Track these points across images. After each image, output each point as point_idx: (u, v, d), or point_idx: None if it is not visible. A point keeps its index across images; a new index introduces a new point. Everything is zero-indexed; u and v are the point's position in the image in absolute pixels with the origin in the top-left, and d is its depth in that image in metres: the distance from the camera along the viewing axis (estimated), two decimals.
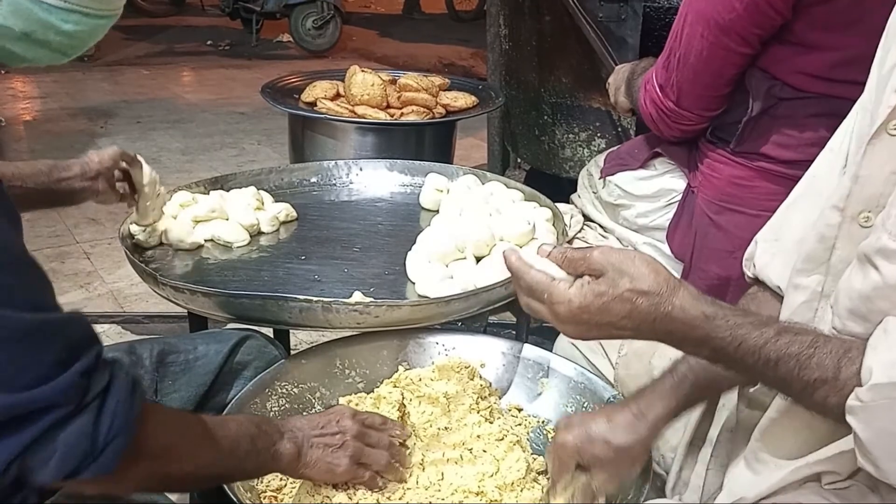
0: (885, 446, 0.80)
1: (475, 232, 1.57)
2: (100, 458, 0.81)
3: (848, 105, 1.49)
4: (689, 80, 1.62)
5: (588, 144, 2.72)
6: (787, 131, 1.57)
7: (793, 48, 1.52)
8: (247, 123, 5.69)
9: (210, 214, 1.68)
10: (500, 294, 1.44)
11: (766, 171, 1.60)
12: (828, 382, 0.83)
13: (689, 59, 1.59)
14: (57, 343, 0.80)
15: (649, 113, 1.75)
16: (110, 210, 3.93)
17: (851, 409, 0.81)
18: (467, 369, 1.33)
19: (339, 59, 7.94)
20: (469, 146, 4.71)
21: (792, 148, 1.57)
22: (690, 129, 1.73)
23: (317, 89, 2.64)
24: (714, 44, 1.53)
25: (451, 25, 10.10)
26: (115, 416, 0.82)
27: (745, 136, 1.61)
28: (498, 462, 1.20)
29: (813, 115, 1.53)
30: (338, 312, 1.31)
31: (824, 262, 0.96)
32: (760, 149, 1.60)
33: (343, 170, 2.02)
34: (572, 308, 0.90)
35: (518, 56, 2.90)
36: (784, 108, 1.56)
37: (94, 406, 0.81)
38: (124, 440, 0.83)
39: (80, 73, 7.03)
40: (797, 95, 1.54)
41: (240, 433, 1.01)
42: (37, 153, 4.79)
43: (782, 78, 1.55)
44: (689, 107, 1.67)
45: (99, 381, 0.83)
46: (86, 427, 0.80)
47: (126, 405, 0.84)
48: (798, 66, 1.53)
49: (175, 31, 9.26)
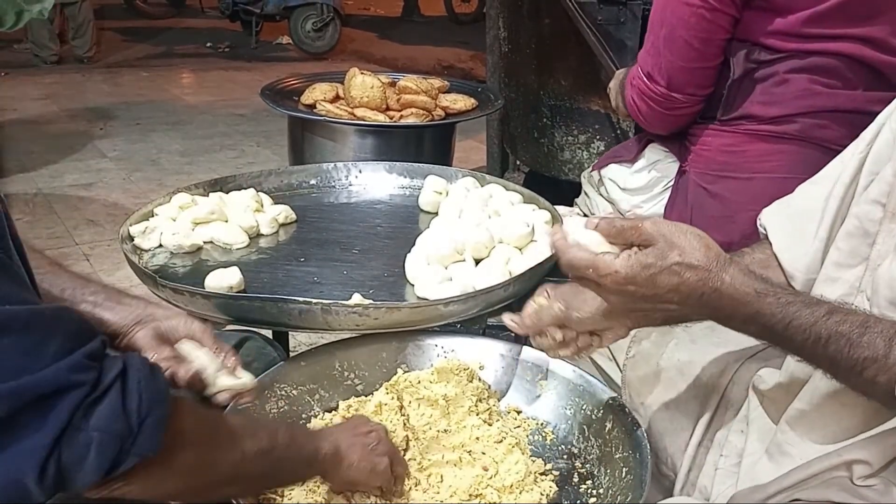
0: None
1: (474, 234, 1.57)
2: (139, 436, 0.78)
3: (822, 58, 1.56)
4: (681, 54, 1.65)
5: (587, 147, 2.73)
6: (769, 89, 1.62)
7: (763, 13, 1.58)
8: (246, 125, 5.70)
9: (209, 216, 1.68)
10: (499, 296, 1.44)
11: (754, 133, 1.65)
12: (878, 361, 0.84)
13: (678, 31, 1.63)
14: (55, 332, 0.77)
15: (638, 108, 1.77)
16: (110, 212, 3.94)
17: None
18: (466, 371, 1.33)
19: (338, 61, 7.95)
20: (468, 148, 4.71)
21: (777, 104, 1.62)
22: (683, 113, 1.75)
23: (316, 91, 2.64)
24: (702, 7, 1.58)
25: (450, 28, 10.11)
26: (143, 391, 0.79)
27: (730, 101, 1.66)
28: (497, 464, 1.20)
29: (792, 70, 1.60)
30: (337, 314, 1.31)
31: (865, 257, 0.96)
32: (746, 111, 1.65)
33: (342, 172, 2.02)
34: (618, 279, 0.90)
35: (517, 58, 2.90)
36: (763, 70, 1.62)
37: (117, 387, 0.78)
38: (163, 411, 0.80)
39: (80, 75, 7.04)
40: (774, 56, 1.60)
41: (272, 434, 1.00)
42: (35, 155, 4.79)
43: (758, 41, 1.61)
44: (682, 85, 1.69)
45: (112, 365, 0.80)
46: (114, 407, 0.77)
47: (150, 381, 0.81)
48: (771, 27, 1.59)
49: (175, 33, 9.27)
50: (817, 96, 1.59)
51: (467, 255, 1.56)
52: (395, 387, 1.30)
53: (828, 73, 1.58)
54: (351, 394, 1.34)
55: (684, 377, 1.29)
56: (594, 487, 1.21)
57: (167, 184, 4.28)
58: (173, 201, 1.72)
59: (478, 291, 1.42)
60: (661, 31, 1.66)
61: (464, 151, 4.41)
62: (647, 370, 1.35)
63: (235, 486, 0.99)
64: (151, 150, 5.06)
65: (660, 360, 1.34)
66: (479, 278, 1.48)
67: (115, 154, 4.97)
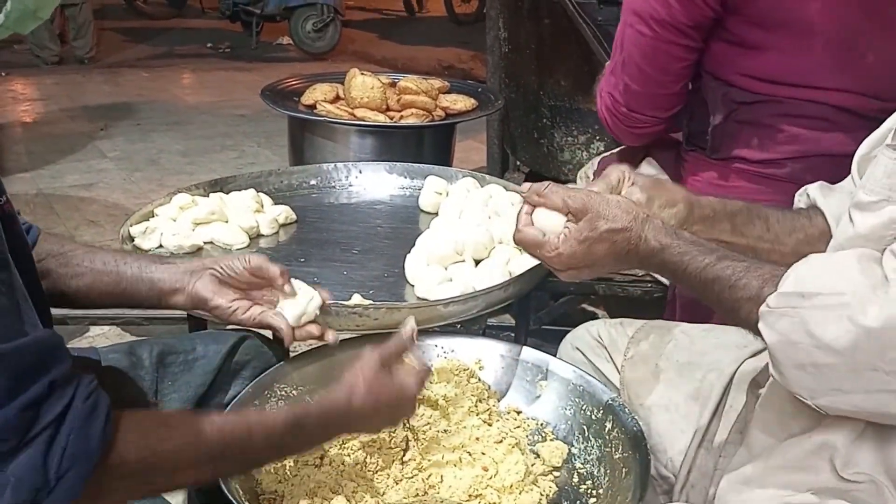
0: (785, 352, 0.87)
1: (474, 234, 1.57)
2: (56, 489, 0.79)
3: (803, 103, 1.52)
4: (638, 79, 1.63)
5: (587, 147, 2.73)
6: (755, 133, 1.59)
7: (733, 48, 1.55)
8: (247, 126, 5.70)
9: (210, 217, 1.69)
10: (498, 297, 1.44)
11: (744, 171, 1.62)
12: (751, 300, 0.93)
13: (634, 58, 1.61)
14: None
15: (605, 119, 1.78)
16: (110, 212, 3.94)
17: (762, 314, 0.90)
18: (466, 372, 1.33)
19: (338, 61, 7.94)
20: (468, 149, 4.71)
21: (764, 148, 1.59)
22: (646, 132, 1.75)
23: (316, 92, 2.64)
24: (656, 38, 1.55)
25: (450, 28, 10.11)
26: (70, 444, 0.80)
27: (716, 143, 1.63)
28: (497, 464, 1.20)
29: (775, 115, 1.55)
30: (337, 315, 1.31)
31: None
32: (734, 152, 1.62)
33: (342, 172, 2.02)
34: (563, 259, 1.08)
35: (517, 59, 2.90)
36: (744, 113, 1.58)
37: (44, 438, 0.79)
38: (83, 469, 0.80)
39: (80, 76, 7.04)
40: (752, 99, 1.56)
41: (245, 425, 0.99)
42: (36, 155, 4.79)
43: (730, 81, 1.57)
44: (640, 108, 1.69)
45: (51, 409, 0.80)
46: (35, 460, 0.78)
47: (81, 434, 0.81)
48: (742, 68, 1.55)
49: (175, 34, 9.27)
50: (804, 141, 1.54)
51: (467, 255, 1.56)
52: None
53: (811, 119, 1.53)
54: None
55: (683, 378, 1.29)
56: (594, 488, 1.21)
57: (167, 184, 4.28)
58: (174, 202, 1.72)
59: (478, 292, 1.42)
60: (620, 55, 1.64)
61: (464, 152, 4.41)
62: (646, 371, 1.35)
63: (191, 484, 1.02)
64: (152, 151, 5.06)
65: (658, 361, 1.34)
66: (478, 279, 1.49)
67: (115, 154, 4.97)
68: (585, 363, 1.45)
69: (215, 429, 0.95)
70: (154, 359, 1.34)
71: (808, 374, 0.86)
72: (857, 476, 0.92)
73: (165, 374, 1.34)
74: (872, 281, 0.84)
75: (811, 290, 0.86)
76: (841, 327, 0.82)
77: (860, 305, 0.82)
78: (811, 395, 0.88)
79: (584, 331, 1.50)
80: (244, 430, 0.98)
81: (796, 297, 0.87)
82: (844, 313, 0.82)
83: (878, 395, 0.84)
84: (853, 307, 0.82)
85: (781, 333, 0.87)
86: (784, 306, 0.88)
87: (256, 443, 0.99)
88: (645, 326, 1.43)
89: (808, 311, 0.85)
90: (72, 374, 0.85)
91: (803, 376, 0.87)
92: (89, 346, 1.42)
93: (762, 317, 0.90)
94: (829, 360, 0.84)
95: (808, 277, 0.88)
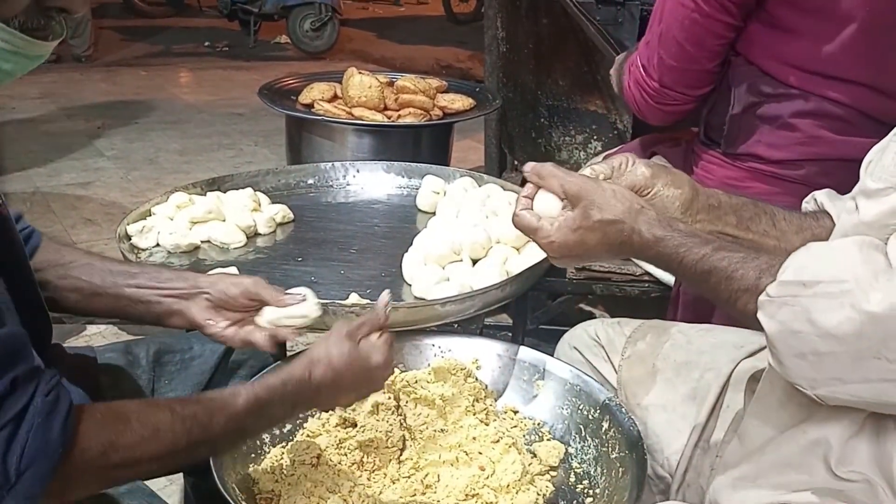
0: (785, 341, 0.87)
1: (472, 234, 1.57)
2: (17, 486, 0.80)
3: (828, 104, 1.52)
4: (673, 53, 1.63)
5: (584, 147, 2.73)
6: (775, 131, 1.58)
7: (769, 30, 1.54)
8: (244, 124, 5.69)
9: (207, 216, 1.68)
10: (496, 296, 1.44)
11: (758, 172, 1.61)
12: (748, 291, 0.93)
13: (672, 31, 1.60)
14: None
15: (633, 96, 1.76)
16: (107, 211, 3.94)
17: (761, 304, 0.89)
18: (463, 371, 1.33)
19: (336, 60, 7.94)
20: (466, 148, 4.71)
21: (782, 148, 1.58)
22: (676, 110, 1.73)
23: (314, 91, 2.64)
24: (698, 12, 1.55)
25: (448, 28, 10.11)
26: (29, 442, 0.81)
27: (732, 137, 1.63)
28: (493, 464, 1.20)
29: (797, 113, 1.55)
30: (334, 314, 1.31)
31: None
32: (751, 149, 1.61)
33: (340, 171, 2.02)
34: (555, 246, 1.08)
35: (515, 58, 2.90)
36: (768, 107, 1.58)
37: (3, 436, 0.80)
38: (44, 466, 0.81)
39: (78, 74, 7.03)
40: (779, 91, 1.56)
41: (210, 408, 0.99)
42: (33, 154, 4.79)
43: (761, 65, 1.57)
44: (673, 84, 1.67)
45: (11, 407, 0.81)
46: None
47: (41, 431, 0.82)
48: (774, 51, 1.55)
49: (173, 32, 9.26)
50: (824, 144, 1.55)
51: (464, 255, 1.56)
52: (392, 386, 1.30)
53: (833, 120, 1.54)
54: None
55: (680, 378, 1.29)
56: (590, 487, 1.22)
57: (165, 183, 4.27)
58: (171, 200, 1.72)
59: (475, 291, 1.42)
60: (658, 27, 1.64)
61: (462, 151, 4.41)
62: (643, 371, 1.35)
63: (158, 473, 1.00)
64: (149, 149, 5.06)
65: (655, 360, 1.34)
66: (476, 278, 1.49)
67: (112, 153, 4.97)
68: (583, 363, 1.45)
69: (176, 419, 0.95)
70: (151, 358, 1.34)
71: (809, 364, 0.86)
72: (852, 475, 0.92)
73: (162, 372, 1.34)
74: (875, 268, 0.83)
75: (812, 279, 0.85)
76: (843, 314, 0.82)
77: (863, 293, 0.81)
78: (811, 385, 0.87)
79: (582, 330, 1.50)
80: (205, 417, 0.97)
81: (797, 285, 0.86)
82: (847, 301, 0.82)
83: (879, 384, 0.84)
84: (856, 294, 0.81)
85: (782, 322, 0.86)
86: (784, 295, 0.87)
87: (219, 428, 0.98)
88: (642, 326, 1.43)
89: (810, 299, 0.84)
90: (34, 372, 0.85)
91: (803, 365, 0.86)
92: (86, 344, 1.42)
93: (761, 306, 0.89)
94: (830, 349, 0.83)
95: (808, 265, 0.87)
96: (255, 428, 1.10)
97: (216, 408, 0.99)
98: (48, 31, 0.94)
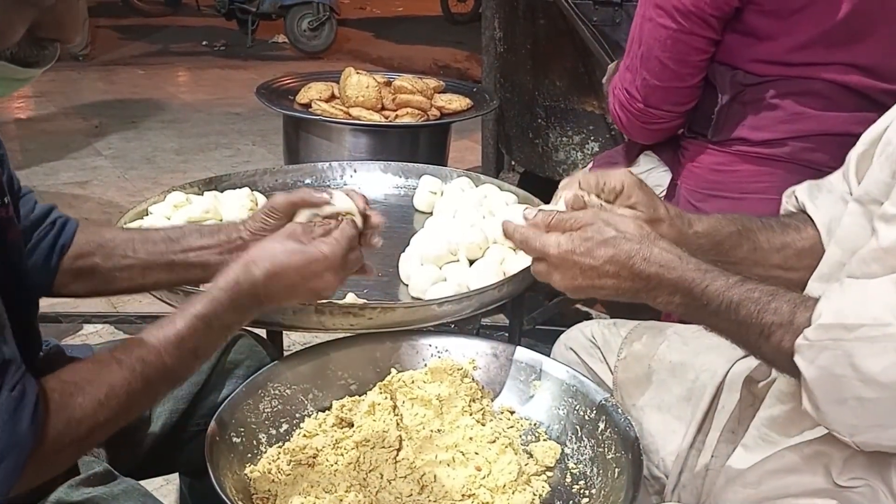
0: (825, 387, 0.84)
1: (468, 234, 1.57)
2: None
3: (808, 82, 1.54)
4: (657, 73, 1.64)
5: (581, 147, 2.73)
6: (758, 113, 1.60)
7: (746, 38, 1.57)
8: (242, 124, 5.69)
9: (204, 215, 1.68)
10: (492, 296, 1.44)
11: (744, 154, 1.63)
12: (783, 326, 0.89)
13: (654, 51, 1.62)
14: None
15: (619, 117, 1.77)
16: (104, 210, 3.93)
17: (799, 347, 0.86)
18: (459, 371, 1.33)
19: (334, 60, 7.94)
20: (463, 148, 4.72)
21: (766, 128, 1.60)
22: (663, 128, 1.75)
23: (312, 91, 2.64)
24: (680, 30, 1.56)
25: (446, 28, 10.11)
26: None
27: (720, 125, 1.64)
28: (490, 464, 1.20)
29: (778, 95, 1.57)
30: (331, 314, 1.31)
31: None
32: (736, 134, 1.63)
33: (337, 171, 2.02)
34: (561, 251, 1.00)
35: (512, 59, 2.91)
36: (750, 94, 1.60)
37: None
38: (17, 458, 0.82)
39: (76, 73, 7.02)
40: (759, 81, 1.58)
41: (157, 343, 0.98)
42: (31, 152, 4.78)
43: (741, 67, 1.59)
44: (658, 103, 1.69)
45: None
46: None
47: (10, 425, 0.82)
48: (753, 54, 1.57)
49: (170, 32, 9.25)
50: (806, 120, 1.57)
51: (461, 255, 1.56)
52: (389, 386, 1.30)
53: (815, 97, 1.56)
54: (344, 393, 1.34)
55: (676, 379, 1.30)
56: (587, 488, 1.22)
57: (162, 182, 4.27)
58: (168, 200, 1.72)
59: (472, 292, 1.42)
60: (638, 50, 1.65)
61: (459, 151, 4.41)
62: (639, 372, 1.35)
63: (133, 412, 1.00)
64: (146, 149, 5.05)
65: (651, 361, 1.35)
66: (473, 278, 1.49)
67: (110, 152, 4.96)
68: (579, 363, 1.45)
69: (125, 369, 0.94)
70: None
71: (850, 409, 0.83)
72: (853, 482, 0.92)
73: None
74: None
75: (854, 322, 0.82)
76: (888, 359, 0.80)
77: None
78: (850, 433, 0.85)
79: (578, 331, 1.50)
80: (153, 356, 0.97)
81: (839, 328, 0.83)
82: (891, 345, 0.80)
83: None
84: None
85: (822, 367, 0.83)
86: (825, 339, 0.84)
87: (171, 360, 0.98)
88: (638, 327, 1.43)
89: (852, 343, 0.82)
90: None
91: (844, 411, 0.84)
92: (83, 343, 1.42)
93: (799, 350, 0.86)
94: (873, 395, 0.81)
95: (847, 308, 0.84)
96: (209, 343, 1.06)
97: (161, 341, 0.98)
98: (40, 59, 0.95)
